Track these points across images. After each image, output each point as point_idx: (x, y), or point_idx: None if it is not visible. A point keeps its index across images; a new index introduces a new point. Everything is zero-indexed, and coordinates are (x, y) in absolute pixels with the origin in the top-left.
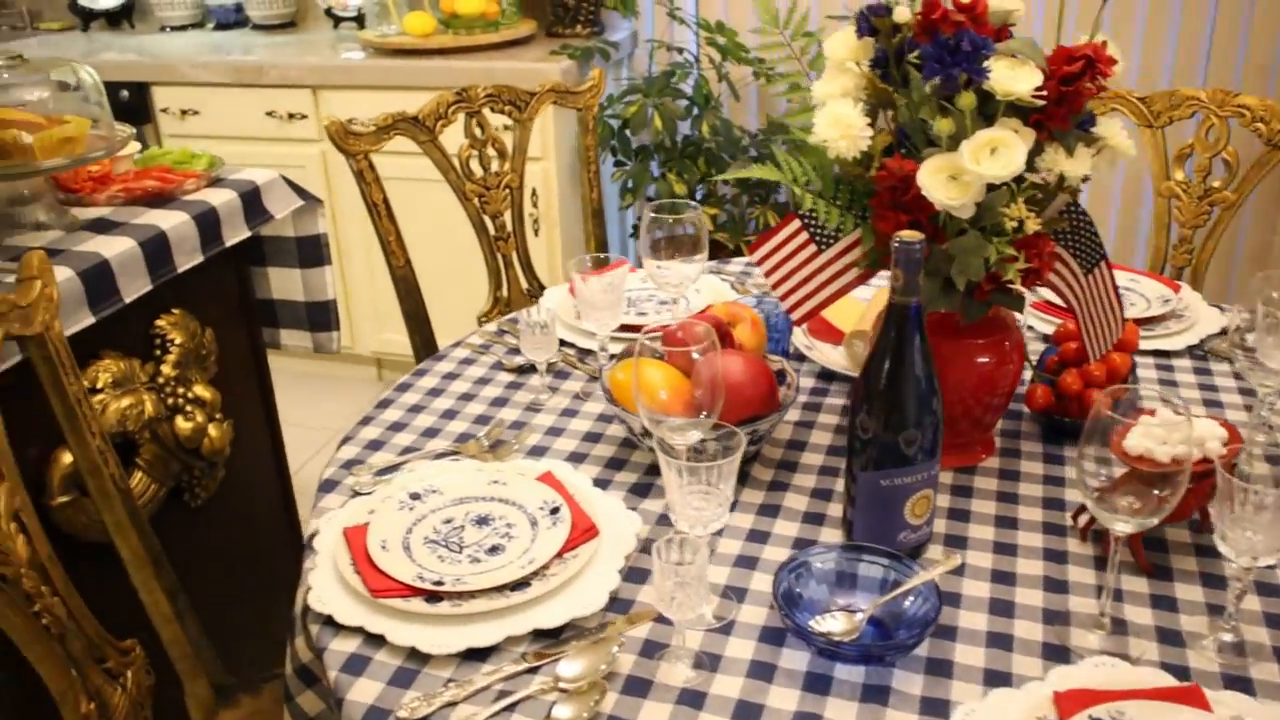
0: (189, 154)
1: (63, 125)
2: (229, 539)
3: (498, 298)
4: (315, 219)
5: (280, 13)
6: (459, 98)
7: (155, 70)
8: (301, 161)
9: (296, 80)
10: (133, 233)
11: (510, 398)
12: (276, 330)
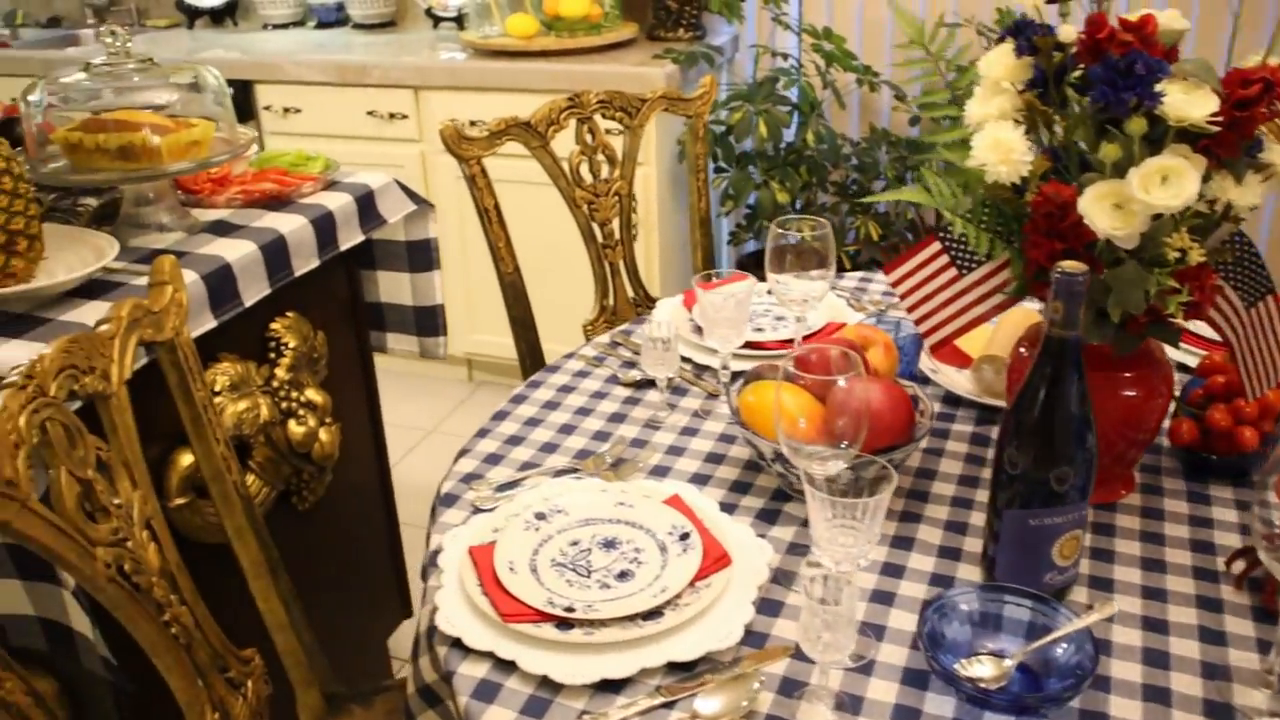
0: (304, 156)
1: (189, 129)
2: (333, 542)
3: (604, 306)
4: (426, 223)
5: (380, 12)
6: (571, 103)
7: (259, 69)
8: (401, 161)
9: (398, 80)
10: (252, 236)
11: (628, 414)
12: (383, 334)
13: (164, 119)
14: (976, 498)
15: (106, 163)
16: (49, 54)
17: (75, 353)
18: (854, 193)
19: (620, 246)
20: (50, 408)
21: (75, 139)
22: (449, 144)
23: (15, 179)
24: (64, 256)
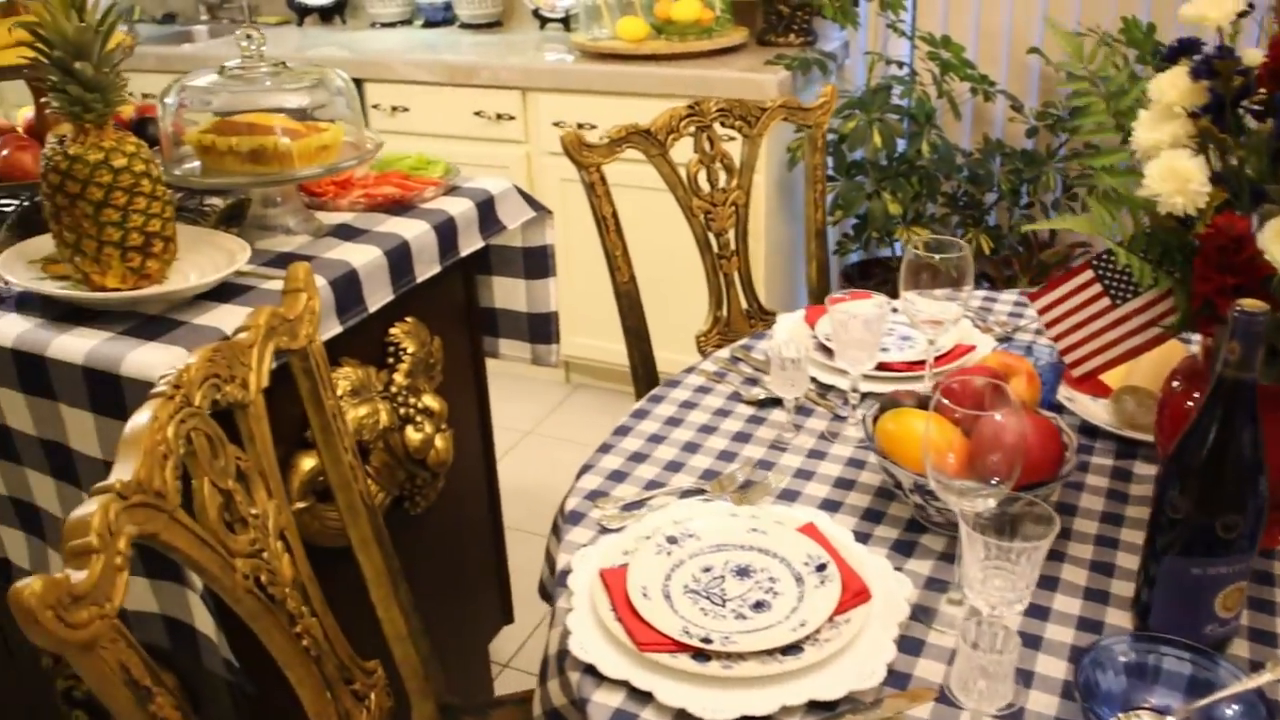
0: (424, 160)
1: (320, 133)
2: (441, 548)
3: (717, 317)
4: (544, 230)
5: (488, 12)
6: (691, 111)
7: (369, 67)
8: (506, 162)
9: (507, 81)
10: (377, 241)
11: (753, 433)
12: (496, 340)
13: (295, 123)
14: (1122, 537)
15: (238, 165)
16: (165, 50)
17: (218, 361)
18: (964, 204)
19: (736, 257)
20: (195, 417)
21: (208, 141)
22: (570, 151)
23: (154, 181)
24: (195, 258)
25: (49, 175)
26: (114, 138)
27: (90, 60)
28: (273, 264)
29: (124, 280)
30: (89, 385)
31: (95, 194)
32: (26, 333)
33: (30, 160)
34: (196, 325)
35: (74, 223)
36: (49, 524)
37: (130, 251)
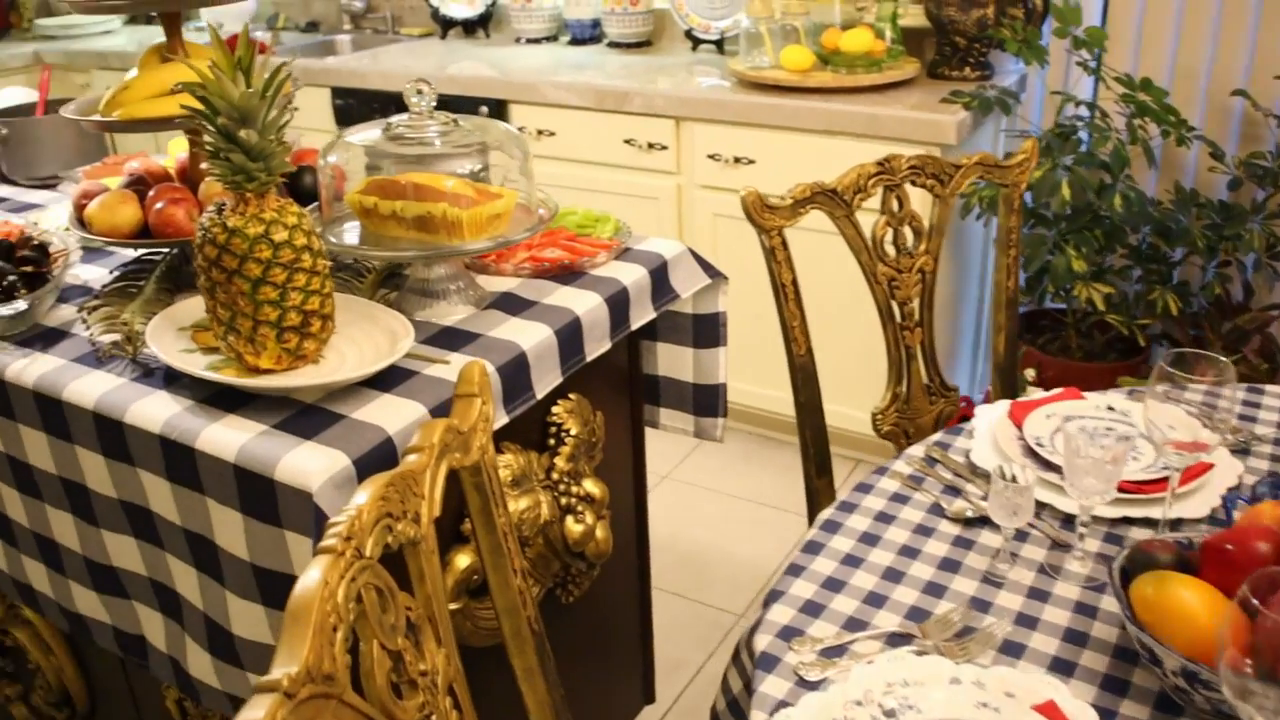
0: (592, 217)
1: (492, 201)
2: (589, 633)
3: (896, 394)
4: (716, 296)
5: (638, 31)
6: (881, 169)
7: (515, 89)
8: (656, 193)
9: (661, 110)
10: (545, 316)
11: (961, 560)
12: (658, 409)
13: (466, 185)
14: None
15: (401, 231)
16: (308, 63)
17: (390, 499)
18: (1148, 257)
19: (920, 328)
20: (367, 571)
21: (369, 204)
22: (751, 213)
23: (315, 255)
24: (352, 333)
25: (205, 248)
26: (275, 207)
27: (255, 127)
28: (434, 341)
29: (278, 361)
30: (239, 485)
31: (253, 270)
32: (175, 418)
33: (183, 216)
34: (356, 422)
35: (229, 299)
36: (188, 612)
37: (287, 332)
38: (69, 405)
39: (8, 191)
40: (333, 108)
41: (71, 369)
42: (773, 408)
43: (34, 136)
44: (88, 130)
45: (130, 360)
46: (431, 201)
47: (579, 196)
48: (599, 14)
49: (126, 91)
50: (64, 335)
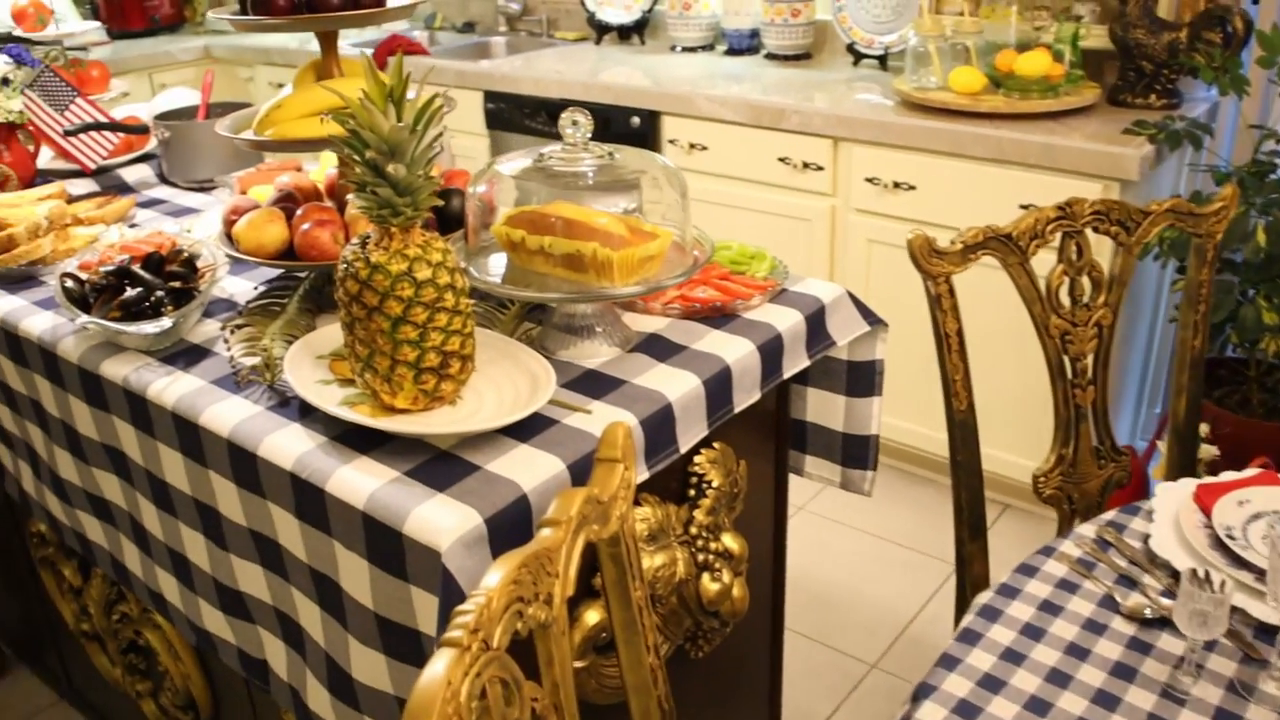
0: (748, 253)
1: (646, 242)
2: (716, 689)
3: (1061, 456)
4: (874, 344)
5: (797, 44)
6: (1061, 214)
7: (669, 100)
8: (808, 215)
9: (818, 129)
10: (694, 364)
11: (1137, 668)
12: (803, 456)
13: (619, 223)
14: None
15: (548, 267)
16: (462, 65)
17: (523, 581)
18: None
19: (1093, 386)
20: (494, 664)
21: (517, 237)
22: (917, 258)
23: (458, 294)
24: (491, 373)
25: (346, 282)
26: (419, 242)
27: (403, 161)
28: (576, 385)
29: (414, 401)
30: (367, 533)
31: (394, 309)
32: (308, 455)
33: (327, 239)
34: (491, 474)
35: (368, 337)
36: (310, 646)
37: (425, 373)
38: (205, 431)
39: (167, 194)
40: (484, 111)
41: (210, 392)
42: (916, 443)
43: (194, 140)
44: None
45: (268, 387)
46: (582, 240)
47: (728, 214)
48: (758, 24)
49: (279, 110)
50: (206, 353)
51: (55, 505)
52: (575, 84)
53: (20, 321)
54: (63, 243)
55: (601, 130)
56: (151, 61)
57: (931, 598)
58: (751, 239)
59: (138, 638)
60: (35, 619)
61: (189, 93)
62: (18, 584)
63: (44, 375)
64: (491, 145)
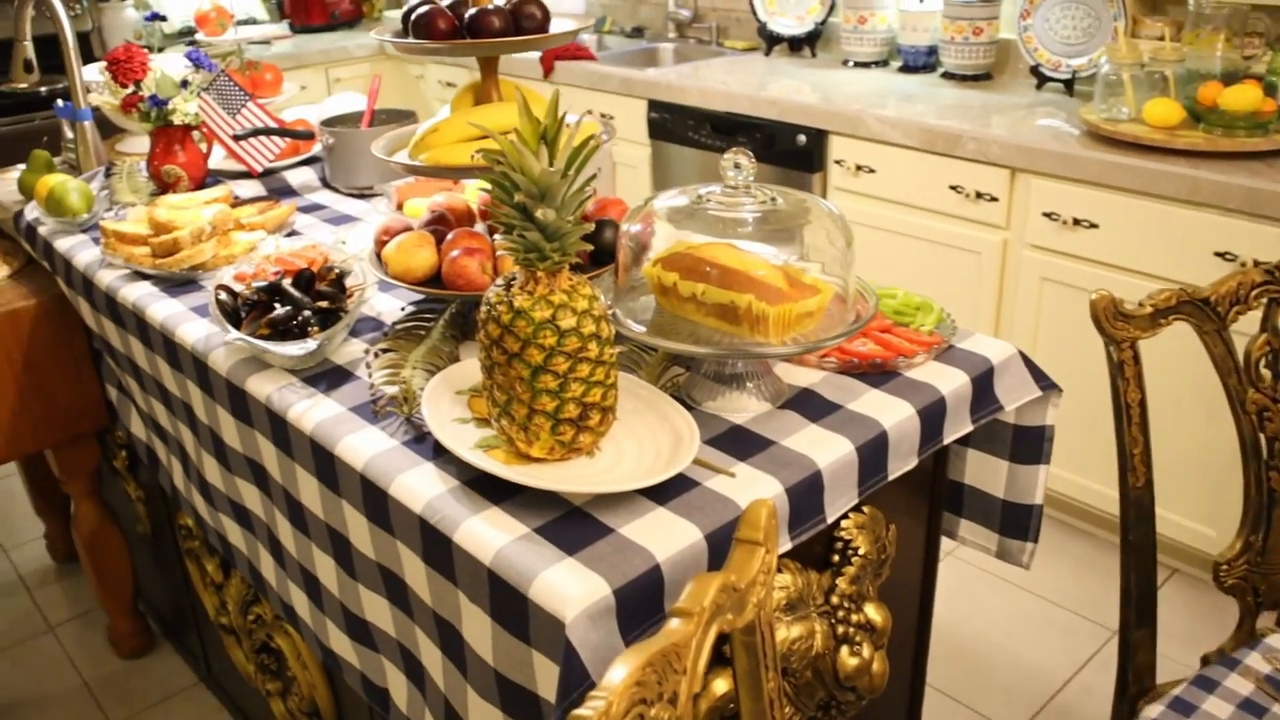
0: (913, 303)
1: (806, 297)
2: None
3: (1249, 543)
4: (1045, 409)
5: (977, 63)
6: (1270, 279)
7: (838, 119)
8: (978, 247)
9: (995, 158)
10: (849, 427)
11: None
12: (957, 519)
13: (779, 275)
14: None
15: (700, 316)
16: (628, 73)
17: (648, 681)
18: None
19: None
20: None
21: (669, 281)
22: (1101, 320)
23: (602, 344)
24: (632, 423)
25: (489, 324)
26: (566, 287)
27: (553, 205)
28: (721, 441)
29: (550, 452)
30: (492, 589)
31: (535, 357)
32: (438, 500)
33: (475, 269)
34: (623, 539)
35: (507, 383)
36: (430, 687)
37: (563, 424)
38: (340, 461)
39: (328, 199)
40: (647, 120)
41: (347, 420)
42: (1078, 494)
43: (356, 148)
44: (397, 171)
45: (405, 419)
46: (737, 291)
47: (892, 241)
48: (936, 41)
49: (434, 134)
50: (348, 376)
51: (200, 504)
52: (741, 97)
53: (177, 328)
54: (224, 248)
55: (766, 147)
56: (328, 57)
57: (1085, 665)
58: (916, 269)
59: (270, 641)
60: (181, 603)
61: (357, 97)
62: (168, 567)
63: (195, 383)
64: (652, 155)
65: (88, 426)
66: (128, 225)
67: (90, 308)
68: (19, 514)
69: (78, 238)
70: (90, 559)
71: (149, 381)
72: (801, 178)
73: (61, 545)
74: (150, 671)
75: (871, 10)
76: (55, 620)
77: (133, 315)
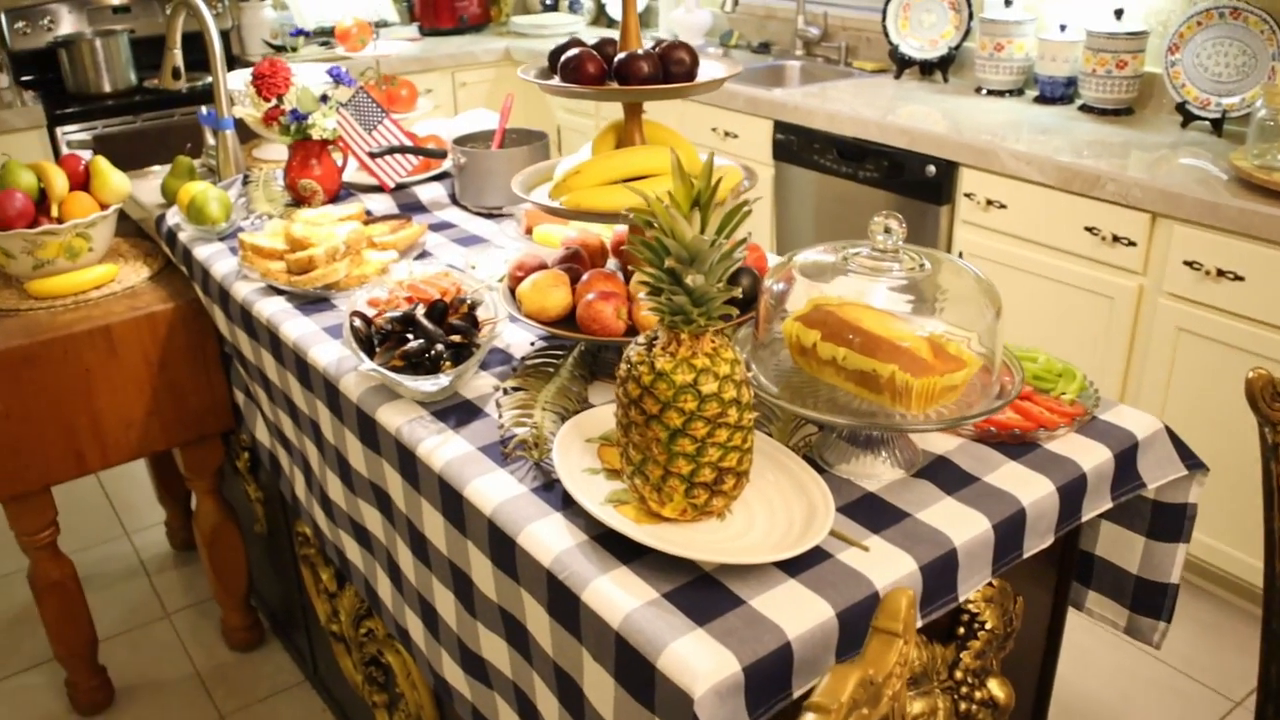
0: (1055, 369)
1: (952, 371)
2: None
3: None
4: (1189, 488)
5: (1118, 97)
6: None
7: (968, 152)
8: (1111, 292)
9: (1136, 201)
10: (986, 502)
11: None
12: (1085, 590)
13: (925, 347)
14: None
15: (838, 380)
16: (755, 92)
17: None
18: None
19: None
20: None
21: (809, 341)
22: (1257, 400)
23: (742, 409)
24: (764, 485)
25: (628, 383)
26: (709, 350)
27: (702, 270)
28: (854, 509)
29: (682, 513)
30: (618, 652)
31: (673, 420)
32: (566, 555)
33: (610, 315)
34: (753, 612)
35: (643, 444)
36: None
37: (697, 488)
38: (469, 503)
39: (457, 217)
40: (772, 141)
41: (477, 461)
42: (1208, 557)
43: (486, 169)
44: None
45: (534, 465)
46: (881, 360)
47: (1021, 280)
48: (1076, 72)
49: (577, 177)
50: (477, 413)
51: (320, 518)
52: (870, 123)
53: (310, 349)
54: (356, 267)
55: (893, 176)
56: (455, 61)
57: None
58: (1044, 309)
59: (380, 656)
60: (292, 602)
61: (488, 114)
62: (282, 567)
63: (324, 404)
64: (776, 176)
65: (214, 428)
66: (264, 239)
67: (225, 317)
68: (143, 499)
69: (215, 246)
70: (208, 554)
71: (278, 394)
72: (928, 209)
73: (181, 533)
74: (259, 666)
75: (1009, 38)
76: (172, 607)
77: (266, 330)
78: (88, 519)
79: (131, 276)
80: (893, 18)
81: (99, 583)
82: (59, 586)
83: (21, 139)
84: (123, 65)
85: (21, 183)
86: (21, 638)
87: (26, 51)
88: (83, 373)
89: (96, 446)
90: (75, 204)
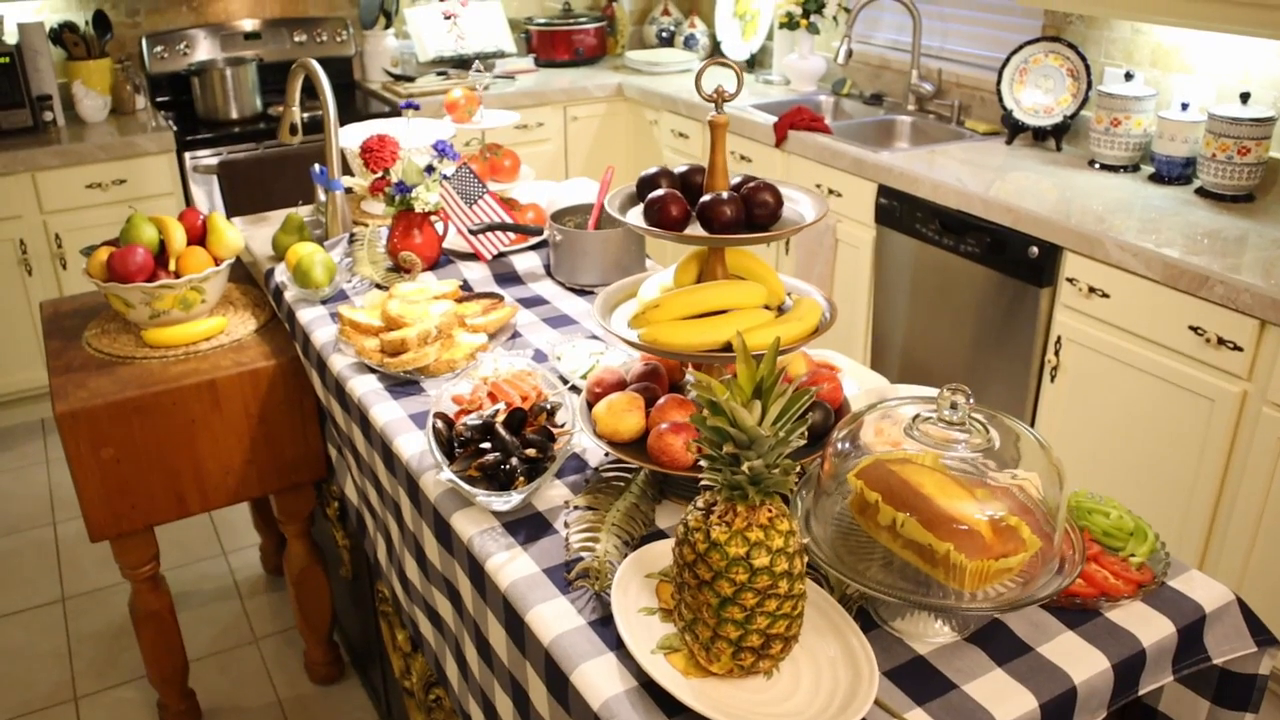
0: (1125, 527)
1: (1010, 552)
2: None
3: None
4: (1259, 660)
5: (1238, 184)
6: None
7: (1075, 238)
8: (1212, 395)
9: (1245, 306)
10: (1035, 679)
11: None
12: None
13: (987, 529)
14: None
15: (894, 545)
16: (861, 153)
17: None
18: None
19: None
20: None
21: (871, 499)
22: None
23: (793, 580)
24: (811, 643)
25: (683, 547)
26: (764, 521)
27: (760, 453)
28: (899, 673)
29: (729, 672)
30: None
31: (724, 589)
32: (615, 701)
33: (680, 447)
34: None
35: (695, 605)
36: None
37: (744, 651)
38: (529, 629)
39: (550, 292)
40: (875, 205)
41: (540, 585)
42: None
43: (581, 248)
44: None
45: (595, 595)
46: (938, 536)
47: (1118, 371)
48: (1195, 154)
49: (657, 310)
50: (546, 528)
51: (398, 589)
52: (974, 197)
53: (396, 438)
54: (446, 350)
55: (995, 252)
56: (568, 96)
57: None
58: (1140, 405)
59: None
60: (371, 643)
61: (589, 185)
62: (364, 609)
63: (406, 493)
64: (876, 239)
65: (308, 476)
66: (362, 315)
67: (321, 383)
68: (241, 519)
69: (318, 310)
70: (296, 593)
71: (365, 466)
72: (1028, 290)
73: (274, 558)
74: (338, 701)
75: (1127, 113)
76: (261, 632)
77: (357, 409)
78: (189, 534)
79: (239, 328)
80: (1008, 81)
81: (194, 600)
82: (156, 616)
83: (153, 162)
84: (249, 92)
85: (144, 237)
86: (120, 650)
87: (164, 75)
88: (188, 422)
89: (197, 491)
90: (192, 258)
